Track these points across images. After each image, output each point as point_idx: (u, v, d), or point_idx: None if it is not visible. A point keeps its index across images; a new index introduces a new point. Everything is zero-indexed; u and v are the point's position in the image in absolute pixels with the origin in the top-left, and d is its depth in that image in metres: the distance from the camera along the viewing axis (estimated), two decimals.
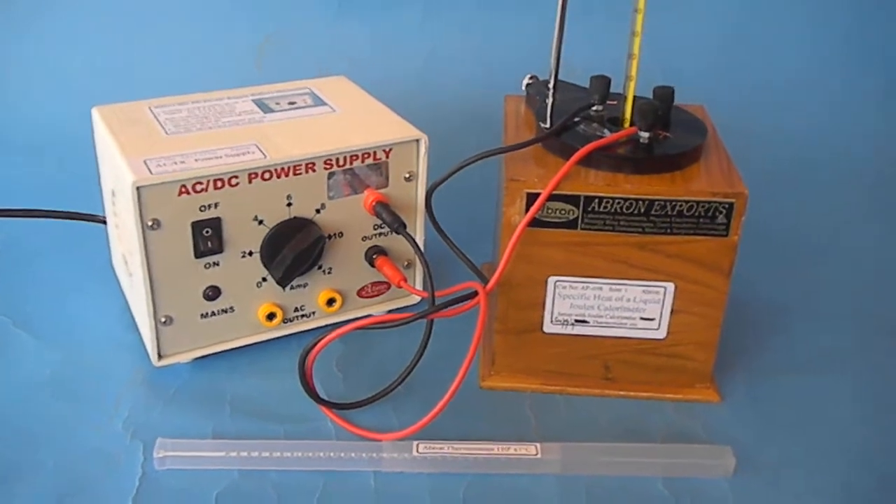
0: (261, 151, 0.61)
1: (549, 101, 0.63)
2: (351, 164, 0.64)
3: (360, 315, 0.69)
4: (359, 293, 0.69)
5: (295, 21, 1.03)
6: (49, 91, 0.98)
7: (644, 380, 0.64)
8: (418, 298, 0.71)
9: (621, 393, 0.64)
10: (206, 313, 0.64)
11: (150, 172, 0.58)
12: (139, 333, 0.67)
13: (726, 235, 0.59)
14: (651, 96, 0.63)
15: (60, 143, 0.92)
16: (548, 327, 0.63)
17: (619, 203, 0.58)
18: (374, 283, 0.69)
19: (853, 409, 0.64)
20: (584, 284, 0.61)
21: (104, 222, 0.74)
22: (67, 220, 0.76)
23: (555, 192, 0.58)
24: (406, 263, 0.69)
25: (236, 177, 0.60)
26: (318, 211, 0.64)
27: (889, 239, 0.87)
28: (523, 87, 0.70)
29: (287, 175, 0.62)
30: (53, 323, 0.69)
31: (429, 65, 1.02)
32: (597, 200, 0.58)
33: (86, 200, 0.77)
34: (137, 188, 0.57)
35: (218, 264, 0.62)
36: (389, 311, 0.70)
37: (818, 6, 1.05)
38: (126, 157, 0.60)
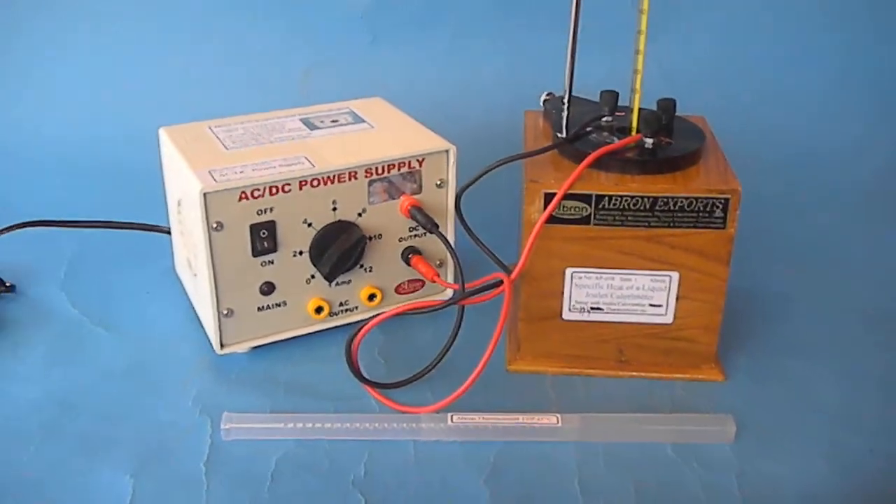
0: (309, 162, 0.69)
1: (565, 113, 0.70)
2: (388, 172, 0.72)
3: None
4: (396, 289, 0.77)
5: (335, 51, 1.12)
6: (114, 117, 1.07)
7: (654, 361, 0.71)
8: (451, 293, 0.78)
9: (634, 374, 0.71)
10: (262, 307, 0.71)
11: (215, 181, 0.66)
12: (202, 328, 0.75)
13: (724, 228, 0.66)
14: (655, 108, 0.71)
15: (124, 163, 1.01)
16: (566, 315, 0.70)
17: (627, 200, 0.66)
18: (410, 281, 0.77)
19: (841, 385, 0.71)
20: (598, 275, 0.68)
21: (167, 232, 0.82)
22: (133, 231, 0.85)
23: (569, 192, 0.65)
24: (439, 262, 0.77)
25: (289, 184, 0.68)
26: (359, 215, 0.72)
27: (877, 236, 0.94)
28: (541, 103, 0.77)
29: (332, 183, 0.70)
30: (126, 320, 0.77)
31: (456, 86, 1.11)
32: (607, 198, 0.66)
33: (146, 214, 0.86)
34: (204, 194, 0.65)
35: (272, 262, 0.70)
36: None
37: (811, 26, 1.14)
38: (193, 169, 0.68)
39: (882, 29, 1.13)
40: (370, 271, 0.75)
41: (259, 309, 0.71)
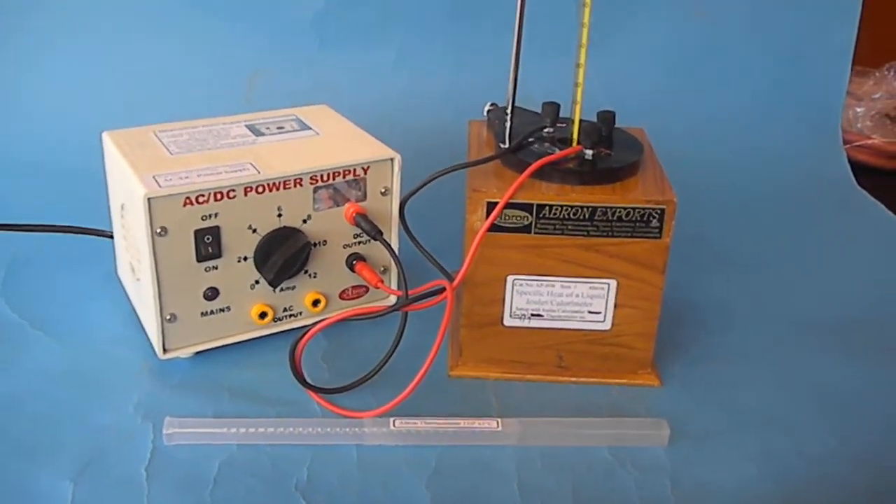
0: (255, 168, 0.70)
1: (507, 124, 0.72)
2: (333, 179, 0.72)
3: None
4: (340, 295, 0.77)
5: (282, 58, 1.12)
6: (57, 120, 1.06)
7: (593, 367, 0.73)
8: (394, 299, 0.79)
9: (573, 379, 0.73)
10: (206, 312, 0.72)
11: (159, 186, 0.66)
12: (144, 332, 0.74)
13: (660, 237, 0.68)
14: (596, 120, 0.73)
15: (66, 166, 1.00)
16: (507, 321, 0.72)
17: (567, 210, 0.67)
18: (354, 287, 0.78)
19: (773, 391, 0.73)
20: (539, 282, 0.70)
21: (110, 236, 0.82)
22: (75, 234, 0.84)
23: (511, 201, 0.67)
24: (382, 269, 0.78)
25: (233, 190, 0.68)
26: (304, 221, 0.72)
27: (808, 246, 0.97)
28: (485, 113, 0.78)
29: (277, 189, 0.70)
30: (67, 325, 0.77)
31: (401, 95, 1.12)
32: (548, 208, 0.67)
33: (88, 217, 0.85)
34: (148, 199, 0.65)
35: (217, 268, 0.70)
36: None
37: (747, 43, 1.18)
38: (137, 174, 0.68)
39: (813, 46, 1.17)
40: (314, 277, 0.75)
41: (203, 314, 0.72)
